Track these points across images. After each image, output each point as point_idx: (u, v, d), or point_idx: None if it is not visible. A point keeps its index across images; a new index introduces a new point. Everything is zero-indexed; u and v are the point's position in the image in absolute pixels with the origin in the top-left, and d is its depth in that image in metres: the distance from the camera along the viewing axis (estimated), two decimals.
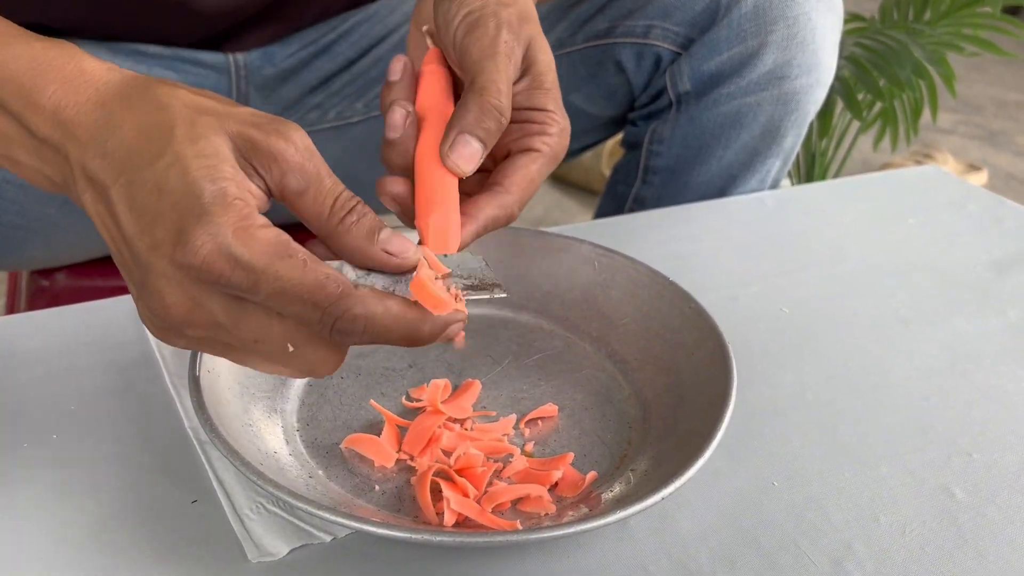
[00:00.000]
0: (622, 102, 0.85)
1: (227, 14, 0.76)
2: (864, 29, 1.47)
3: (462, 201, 0.47)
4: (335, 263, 0.41)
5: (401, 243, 0.41)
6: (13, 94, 0.40)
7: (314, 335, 0.39)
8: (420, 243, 0.45)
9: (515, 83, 0.49)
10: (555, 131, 0.50)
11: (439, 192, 0.46)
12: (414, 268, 0.41)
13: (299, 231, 0.41)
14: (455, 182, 0.47)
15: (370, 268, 0.41)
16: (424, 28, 0.54)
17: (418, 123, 0.49)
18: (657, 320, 0.57)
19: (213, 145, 0.38)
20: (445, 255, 0.44)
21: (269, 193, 0.40)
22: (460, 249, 0.45)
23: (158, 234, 0.37)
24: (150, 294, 0.38)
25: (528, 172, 0.48)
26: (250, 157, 0.39)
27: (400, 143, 0.49)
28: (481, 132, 0.47)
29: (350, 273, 0.41)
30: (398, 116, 0.49)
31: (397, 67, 0.51)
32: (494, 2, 0.50)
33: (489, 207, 0.47)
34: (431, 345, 0.57)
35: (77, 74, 0.41)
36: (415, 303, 0.40)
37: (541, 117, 0.50)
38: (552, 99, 0.50)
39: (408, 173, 0.49)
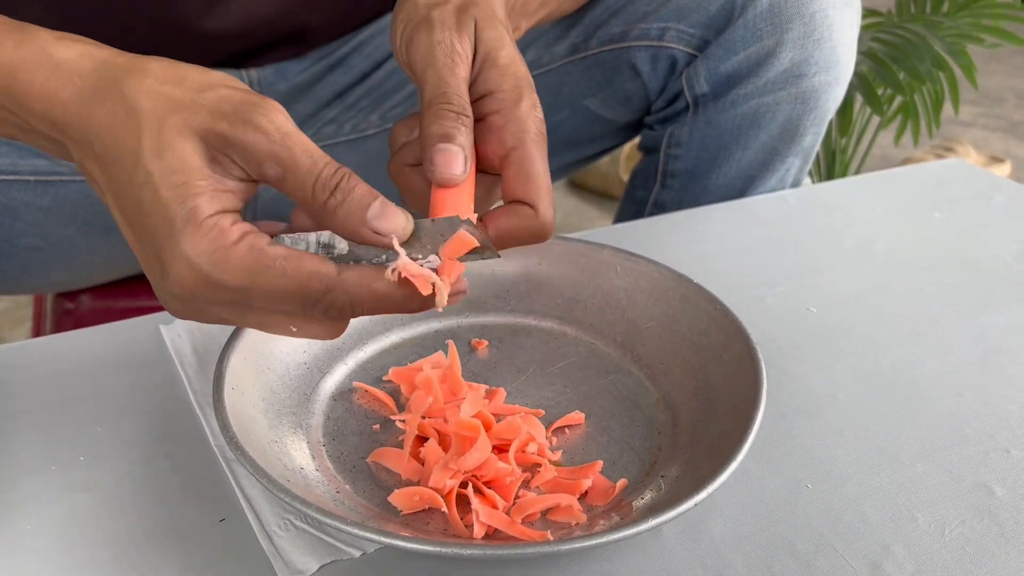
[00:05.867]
0: (638, 106, 0.84)
1: (235, 36, 0.76)
2: (880, 24, 1.46)
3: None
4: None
5: (390, 221, 0.41)
6: (3, 92, 0.42)
7: (312, 317, 0.42)
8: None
9: (471, 70, 0.48)
10: (523, 113, 0.47)
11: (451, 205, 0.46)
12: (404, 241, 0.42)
13: None
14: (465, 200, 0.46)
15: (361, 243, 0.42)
16: None
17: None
18: (683, 323, 0.56)
19: (179, 156, 0.39)
20: (432, 219, 0.43)
21: (253, 179, 0.41)
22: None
23: (146, 256, 0.41)
24: (160, 293, 0.42)
25: (530, 172, 0.46)
26: (225, 150, 0.40)
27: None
28: (447, 132, 0.45)
29: (341, 242, 0.42)
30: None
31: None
32: (424, 5, 0.50)
33: (514, 218, 0.46)
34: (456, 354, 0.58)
35: (52, 70, 0.41)
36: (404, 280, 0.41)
37: (497, 104, 0.47)
38: (508, 76, 0.48)
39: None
